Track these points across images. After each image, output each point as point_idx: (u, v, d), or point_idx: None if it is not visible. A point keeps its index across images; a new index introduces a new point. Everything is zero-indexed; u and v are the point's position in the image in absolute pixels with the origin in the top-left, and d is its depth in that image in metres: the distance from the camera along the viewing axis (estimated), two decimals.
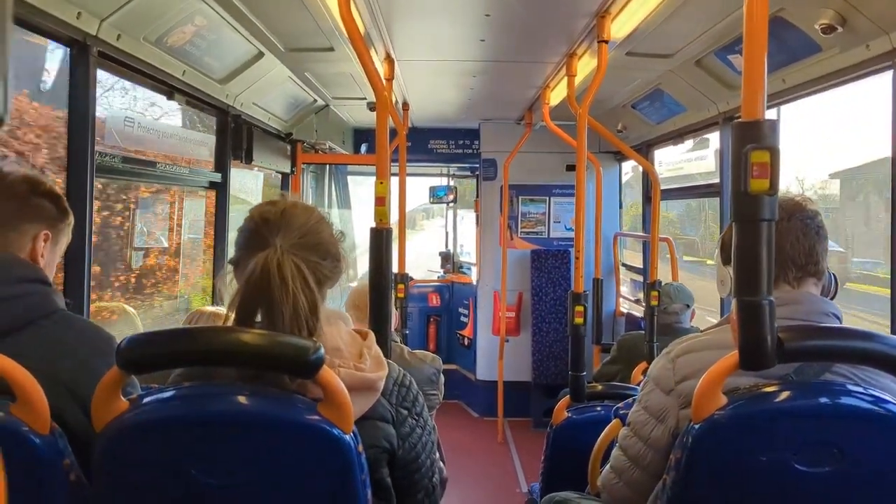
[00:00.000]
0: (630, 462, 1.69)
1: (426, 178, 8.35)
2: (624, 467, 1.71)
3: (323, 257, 1.55)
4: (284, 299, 1.44)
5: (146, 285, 4.93)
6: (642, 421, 1.67)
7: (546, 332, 6.66)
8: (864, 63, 2.87)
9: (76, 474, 1.43)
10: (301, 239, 1.52)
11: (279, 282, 1.45)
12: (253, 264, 1.46)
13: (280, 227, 1.52)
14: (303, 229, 1.54)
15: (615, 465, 1.75)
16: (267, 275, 1.45)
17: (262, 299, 1.45)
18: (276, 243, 1.48)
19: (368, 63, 2.52)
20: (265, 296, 1.44)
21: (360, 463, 1.38)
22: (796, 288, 1.64)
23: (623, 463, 1.71)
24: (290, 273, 1.46)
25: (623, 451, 1.73)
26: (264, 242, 1.49)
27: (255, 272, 1.45)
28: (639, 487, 1.67)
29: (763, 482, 1.44)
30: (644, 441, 1.65)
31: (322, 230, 1.58)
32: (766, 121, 1.32)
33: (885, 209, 1.42)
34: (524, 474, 5.52)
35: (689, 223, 9.92)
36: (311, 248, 1.53)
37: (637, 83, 4.68)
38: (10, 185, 1.69)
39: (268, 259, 1.46)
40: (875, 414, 1.44)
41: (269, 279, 1.45)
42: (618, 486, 1.73)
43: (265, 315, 1.46)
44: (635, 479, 1.68)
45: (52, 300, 1.65)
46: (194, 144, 4.69)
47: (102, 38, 2.74)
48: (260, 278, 1.45)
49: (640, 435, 1.66)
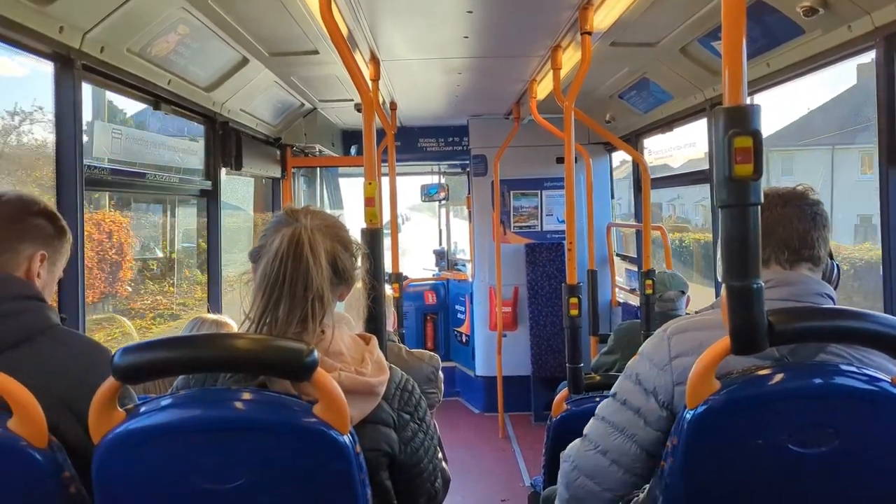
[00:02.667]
0: (612, 428, 1.66)
1: (418, 177, 8.35)
2: (604, 433, 1.67)
3: (344, 248, 1.59)
4: (313, 272, 1.47)
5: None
6: (632, 390, 1.64)
7: (543, 326, 6.67)
8: (847, 44, 2.87)
9: (76, 487, 1.43)
10: (326, 226, 1.56)
11: (308, 252, 1.48)
12: (279, 238, 1.48)
13: (307, 213, 1.56)
14: (328, 220, 1.59)
15: (591, 434, 1.71)
16: (296, 244, 1.47)
17: (287, 274, 1.47)
18: (304, 222, 1.52)
19: (352, 65, 2.53)
20: (293, 268, 1.47)
21: (358, 464, 1.38)
22: (789, 269, 1.65)
23: (604, 430, 1.68)
24: (318, 247, 1.50)
25: (604, 419, 1.69)
26: (291, 223, 1.52)
27: (281, 245, 1.48)
28: (616, 454, 1.64)
29: (759, 465, 1.44)
30: (633, 410, 1.63)
31: (343, 228, 1.63)
32: (749, 106, 1.32)
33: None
34: (527, 468, 5.53)
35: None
36: (334, 236, 1.57)
37: (623, 73, 4.68)
38: (3, 205, 1.69)
39: (295, 231, 1.49)
40: (870, 393, 1.45)
41: (298, 248, 1.47)
42: (590, 454, 1.69)
43: (288, 292, 1.47)
44: (615, 444, 1.64)
45: (47, 316, 1.65)
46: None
47: (86, 52, 2.73)
48: (287, 250, 1.47)
49: (630, 403, 1.64)
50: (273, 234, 1.53)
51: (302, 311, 1.48)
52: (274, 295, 1.48)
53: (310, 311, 1.48)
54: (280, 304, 1.48)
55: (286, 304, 1.47)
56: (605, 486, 1.68)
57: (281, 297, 1.47)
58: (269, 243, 1.51)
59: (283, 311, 1.47)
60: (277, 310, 1.48)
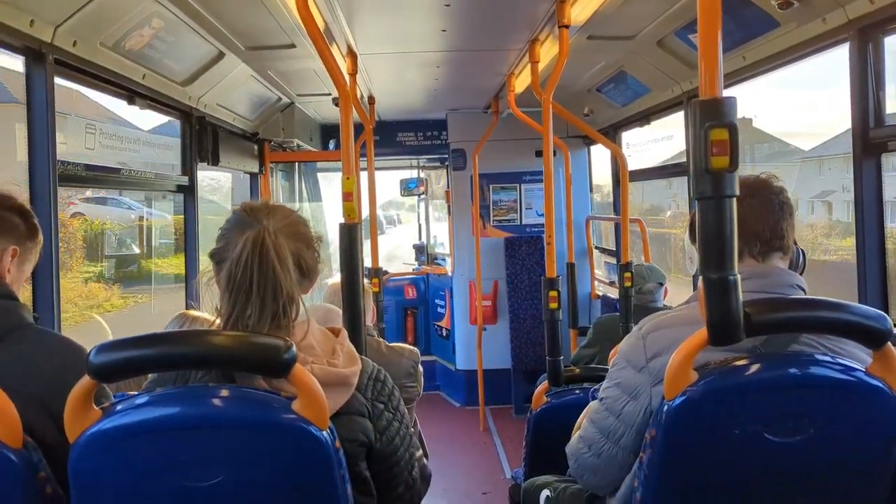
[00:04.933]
0: (601, 435, 1.70)
1: (397, 171, 8.33)
2: (594, 439, 1.73)
3: (307, 246, 1.58)
4: (280, 277, 1.46)
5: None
6: (614, 396, 1.68)
7: (523, 319, 6.69)
8: (822, 37, 2.90)
9: (52, 487, 1.42)
10: (287, 226, 1.54)
11: (274, 257, 1.46)
12: (242, 243, 1.47)
13: (267, 212, 1.54)
14: (289, 218, 1.57)
15: (585, 437, 1.77)
16: (260, 250, 1.46)
17: (254, 281, 1.45)
18: (266, 224, 1.50)
19: (329, 59, 2.51)
20: (259, 275, 1.45)
21: (337, 459, 1.38)
22: (762, 262, 1.67)
23: (594, 435, 1.73)
24: (284, 251, 1.49)
25: (594, 424, 1.74)
26: (252, 224, 1.50)
27: (244, 250, 1.46)
28: (608, 459, 1.70)
29: (736, 455, 1.46)
30: (616, 416, 1.66)
31: (304, 224, 1.61)
32: (724, 98, 1.33)
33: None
34: (508, 460, 5.55)
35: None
36: (296, 236, 1.55)
37: (600, 66, 4.70)
38: None
39: (258, 235, 1.47)
40: (843, 382, 1.47)
41: (263, 255, 1.46)
42: (586, 456, 1.76)
43: (256, 298, 1.46)
44: (605, 451, 1.70)
45: (20, 315, 1.63)
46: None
47: (58, 45, 2.69)
48: (251, 256, 1.45)
49: (613, 410, 1.67)
50: (234, 235, 1.50)
51: (273, 311, 1.48)
52: (241, 299, 1.47)
53: (281, 311, 1.48)
54: (248, 307, 1.46)
55: (256, 306, 1.46)
56: (609, 481, 1.76)
57: (248, 301, 1.46)
58: (230, 246, 1.49)
59: (255, 314, 1.46)
60: (245, 313, 1.47)
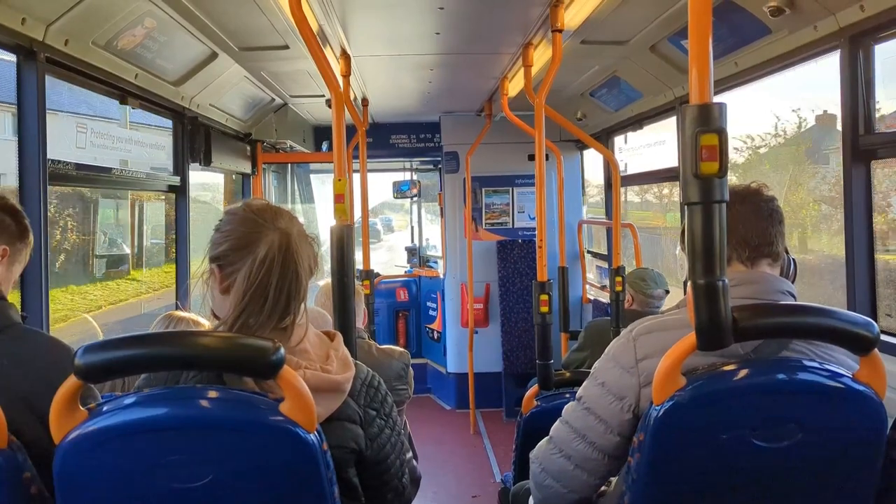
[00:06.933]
0: (575, 434, 1.67)
1: (390, 173, 8.32)
2: (567, 439, 1.69)
3: (313, 248, 1.59)
4: (302, 280, 1.50)
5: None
6: (596, 395, 1.65)
7: (515, 322, 6.69)
8: (813, 44, 2.91)
9: (37, 487, 1.41)
10: (301, 229, 1.56)
11: (299, 260, 1.50)
12: (267, 246, 1.47)
13: (276, 214, 1.54)
14: (294, 220, 1.57)
15: (556, 437, 1.73)
16: (286, 253, 1.48)
17: (272, 283, 1.47)
18: (284, 227, 1.51)
19: (322, 60, 2.51)
20: (280, 277, 1.47)
21: (325, 461, 1.37)
22: (750, 268, 1.67)
23: (567, 435, 1.69)
24: (304, 255, 1.53)
25: (568, 424, 1.70)
26: (266, 226, 1.50)
27: (270, 252, 1.47)
28: (580, 459, 1.66)
29: (724, 459, 1.46)
30: (595, 415, 1.64)
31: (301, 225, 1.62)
32: (714, 104, 1.33)
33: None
34: (498, 464, 5.55)
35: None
36: (307, 238, 1.57)
37: (593, 71, 4.71)
38: None
39: (283, 237, 1.49)
40: (830, 388, 1.47)
41: (289, 258, 1.48)
42: (555, 457, 1.71)
43: (272, 300, 1.47)
44: (578, 450, 1.66)
45: (7, 314, 1.62)
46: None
47: (49, 44, 2.69)
48: (277, 258, 1.47)
49: (592, 409, 1.65)
50: (249, 235, 1.50)
51: (282, 313, 1.49)
52: (255, 300, 1.47)
53: (293, 312, 1.51)
54: (261, 308, 1.47)
55: (268, 308, 1.47)
56: (571, 489, 1.71)
57: (265, 303, 1.47)
58: (249, 247, 1.49)
59: (264, 315, 1.47)
60: (258, 313, 1.47)
